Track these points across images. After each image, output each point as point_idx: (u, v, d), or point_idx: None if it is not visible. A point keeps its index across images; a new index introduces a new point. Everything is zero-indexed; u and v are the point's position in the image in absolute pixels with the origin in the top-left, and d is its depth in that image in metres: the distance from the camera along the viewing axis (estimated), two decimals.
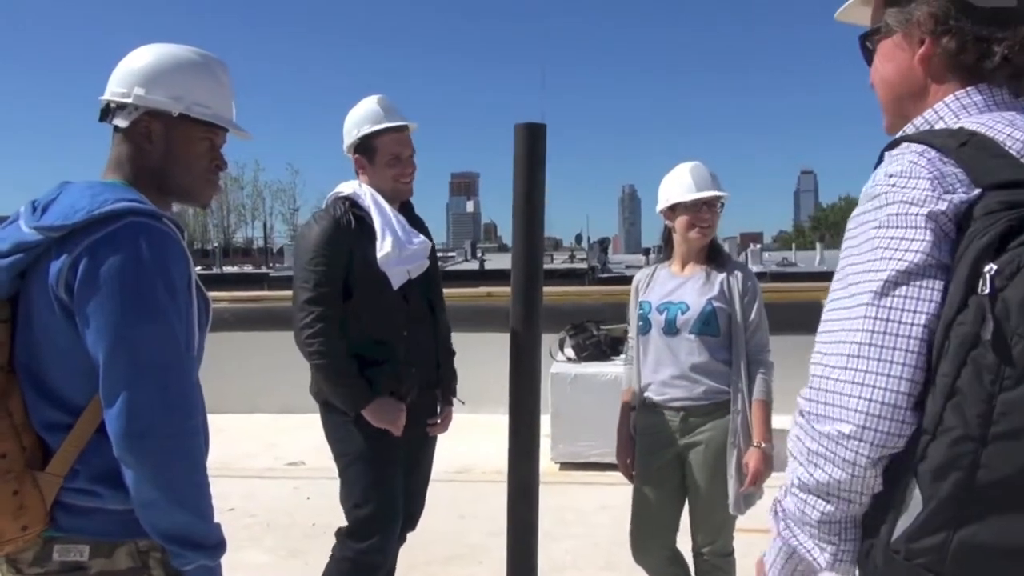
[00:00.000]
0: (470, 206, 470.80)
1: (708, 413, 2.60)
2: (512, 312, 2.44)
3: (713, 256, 2.70)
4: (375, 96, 2.64)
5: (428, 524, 2.88)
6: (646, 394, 2.71)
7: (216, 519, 1.39)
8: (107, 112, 1.51)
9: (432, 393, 2.72)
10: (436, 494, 2.91)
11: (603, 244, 25.68)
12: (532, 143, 2.42)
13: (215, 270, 32.08)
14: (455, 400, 2.81)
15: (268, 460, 5.80)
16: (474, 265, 22.15)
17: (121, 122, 1.48)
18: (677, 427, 2.64)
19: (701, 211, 2.64)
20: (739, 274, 2.64)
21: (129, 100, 1.47)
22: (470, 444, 5.06)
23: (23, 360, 1.37)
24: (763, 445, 2.53)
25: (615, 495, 4.69)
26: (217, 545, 1.36)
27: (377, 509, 2.50)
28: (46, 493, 1.32)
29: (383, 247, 2.49)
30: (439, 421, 2.75)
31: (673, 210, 2.69)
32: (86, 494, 1.34)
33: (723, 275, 2.63)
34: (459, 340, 2.90)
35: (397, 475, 2.57)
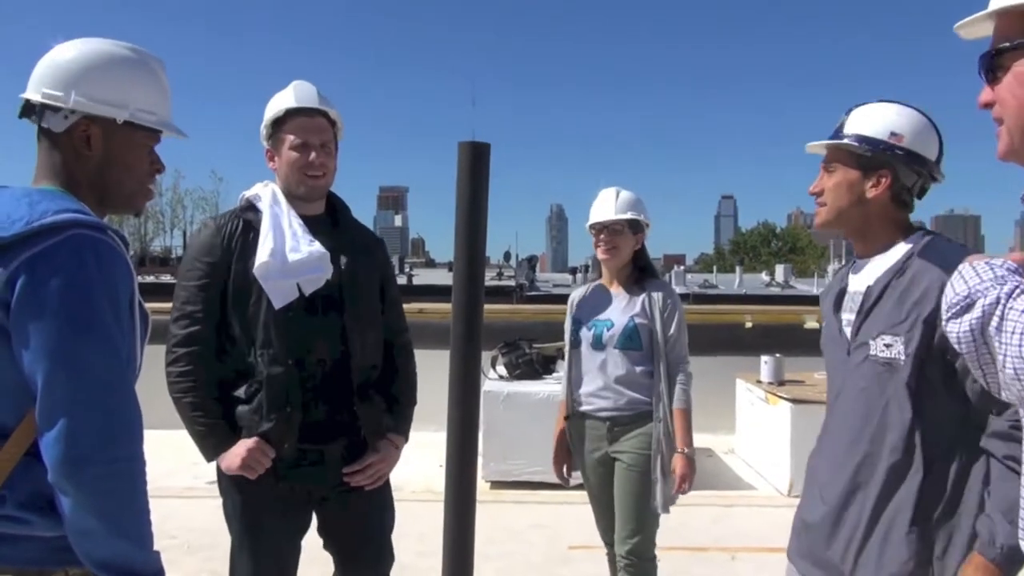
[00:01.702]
0: (398, 220, 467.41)
1: (632, 422, 2.81)
2: (453, 331, 2.43)
3: (638, 276, 2.93)
4: (295, 81, 2.28)
5: None
6: (577, 405, 2.94)
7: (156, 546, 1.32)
8: (30, 109, 1.41)
9: (344, 440, 2.21)
10: None
11: (531, 262, 25.89)
12: (475, 162, 2.43)
13: None
14: (387, 444, 2.31)
15: (188, 479, 5.57)
16: (402, 280, 21.97)
17: (56, 126, 1.39)
18: (604, 435, 2.86)
19: (601, 234, 2.90)
20: (660, 292, 2.87)
21: (66, 105, 1.38)
22: (400, 462, 5.00)
23: None
24: (686, 451, 2.76)
25: (547, 514, 4.73)
26: (155, 574, 1.29)
27: None
28: None
29: (260, 255, 2.08)
30: (356, 468, 2.22)
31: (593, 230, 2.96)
32: (13, 521, 1.25)
33: (645, 293, 2.87)
34: None
35: (269, 544, 2.17)
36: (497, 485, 5.38)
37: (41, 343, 1.21)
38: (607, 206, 2.90)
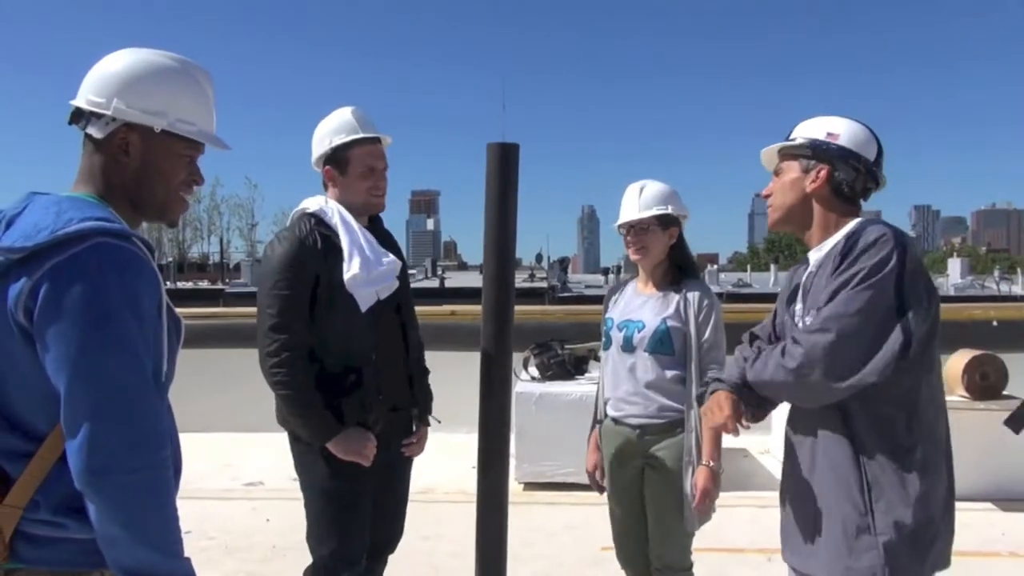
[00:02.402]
0: (430, 224, 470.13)
1: (663, 431, 2.64)
2: (483, 331, 2.44)
3: (675, 275, 2.74)
4: (349, 107, 2.53)
5: None
6: (607, 409, 2.78)
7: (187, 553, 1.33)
8: (78, 116, 1.43)
9: (405, 415, 2.61)
10: None
11: (563, 263, 25.88)
12: (504, 163, 2.43)
13: (169, 285, 31.52)
14: (431, 420, 2.72)
15: (225, 481, 5.65)
16: (435, 283, 22.11)
17: (96, 133, 1.39)
18: (635, 444, 2.69)
19: (629, 233, 2.73)
20: (696, 293, 2.67)
21: (107, 112, 1.39)
22: (433, 464, 5.03)
23: None
24: (711, 464, 2.53)
25: (580, 515, 4.69)
26: None
27: (339, 545, 2.43)
28: (5, 526, 1.24)
29: (350, 268, 2.37)
30: (414, 441, 2.64)
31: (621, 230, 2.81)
32: (49, 524, 1.26)
33: (680, 294, 2.67)
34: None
35: (364, 507, 2.48)
36: (530, 486, 5.37)
37: (62, 352, 1.22)
38: (631, 205, 2.73)
